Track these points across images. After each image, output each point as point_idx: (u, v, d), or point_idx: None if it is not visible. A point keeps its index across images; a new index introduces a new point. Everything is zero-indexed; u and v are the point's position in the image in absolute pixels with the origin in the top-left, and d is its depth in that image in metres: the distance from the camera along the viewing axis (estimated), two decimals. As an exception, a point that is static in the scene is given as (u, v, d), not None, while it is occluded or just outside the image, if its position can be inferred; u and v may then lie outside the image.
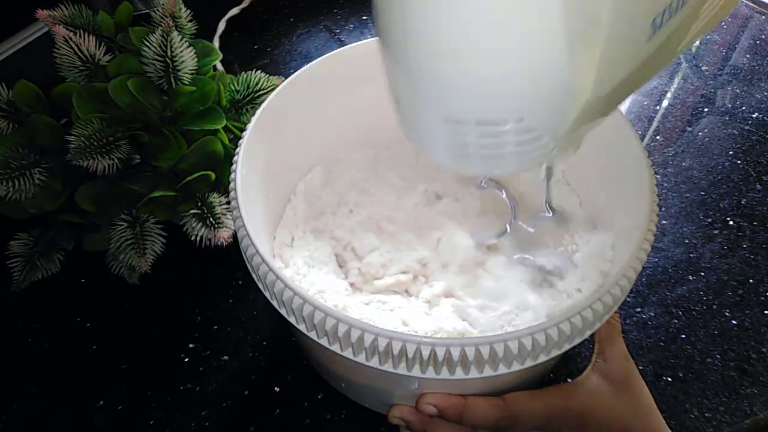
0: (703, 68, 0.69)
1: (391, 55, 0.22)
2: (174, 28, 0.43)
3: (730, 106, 0.64)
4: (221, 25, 0.70)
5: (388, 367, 0.28)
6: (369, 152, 0.47)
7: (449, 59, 0.20)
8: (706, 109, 0.64)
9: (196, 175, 0.44)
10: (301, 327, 0.29)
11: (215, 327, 0.46)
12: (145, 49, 0.43)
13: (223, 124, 0.45)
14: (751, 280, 0.48)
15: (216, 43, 0.68)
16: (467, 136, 0.22)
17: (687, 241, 0.51)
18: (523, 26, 0.19)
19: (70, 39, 0.43)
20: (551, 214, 0.38)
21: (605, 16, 0.20)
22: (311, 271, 0.40)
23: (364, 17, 0.75)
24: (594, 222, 0.41)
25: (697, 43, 0.73)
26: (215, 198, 0.44)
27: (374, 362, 0.28)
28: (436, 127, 0.23)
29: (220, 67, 0.61)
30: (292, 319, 0.30)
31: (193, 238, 0.43)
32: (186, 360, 0.44)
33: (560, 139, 0.23)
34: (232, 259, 0.49)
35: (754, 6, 0.78)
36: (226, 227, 0.43)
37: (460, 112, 0.22)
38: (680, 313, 0.46)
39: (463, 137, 0.22)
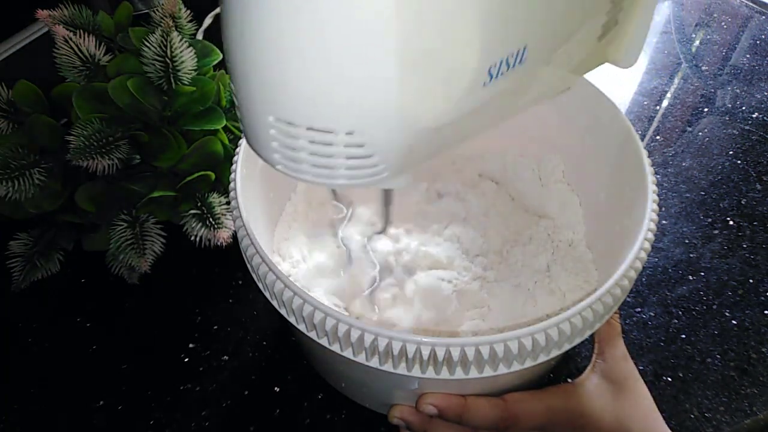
0: (703, 68, 0.69)
1: (229, 49, 0.22)
2: (174, 28, 0.43)
3: (730, 106, 0.64)
4: (207, 20, 0.69)
5: (388, 367, 0.28)
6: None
7: (283, 60, 0.20)
8: (706, 109, 0.64)
9: (196, 175, 0.44)
10: (301, 327, 0.29)
11: (215, 327, 0.46)
12: (145, 49, 0.43)
13: (223, 124, 0.45)
14: (751, 280, 0.48)
15: (200, 37, 0.67)
16: (298, 140, 0.22)
17: (687, 241, 0.51)
18: (355, 40, 0.19)
19: (70, 39, 0.43)
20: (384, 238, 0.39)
21: (437, 51, 0.21)
22: (309, 269, 0.40)
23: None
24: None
25: (698, 43, 0.73)
26: (215, 198, 0.44)
27: (374, 362, 0.28)
28: (268, 127, 0.22)
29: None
30: (292, 319, 0.30)
31: (193, 238, 0.43)
32: (186, 360, 0.44)
33: (393, 164, 0.23)
34: (232, 259, 0.49)
35: (754, 6, 0.78)
36: (226, 227, 0.43)
37: (291, 114, 0.22)
38: (680, 313, 0.46)
39: (295, 141, 0.22)
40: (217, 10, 0.71)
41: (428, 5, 0.20)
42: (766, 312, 0.46)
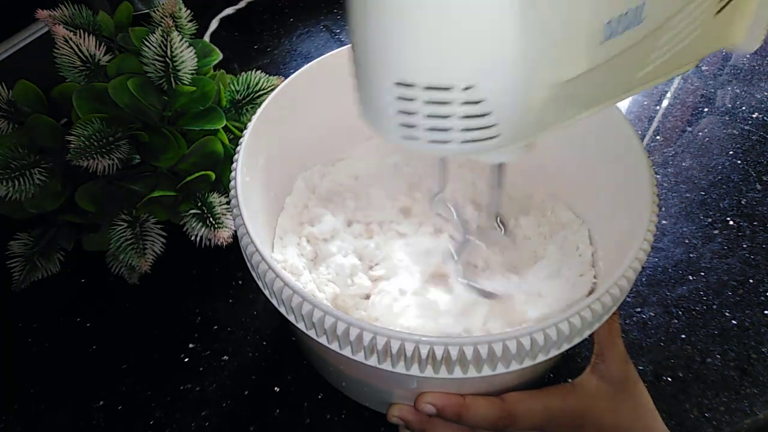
0: (703, 68, 0.69)
1: (351, 16, 0.22)
2: (174, 28, 0.43)
3: (730, 106, 0.64)
4: (213, 24, 0.70)
5: (386, 365, 0.28)
6: (369, 151, 0.47)
7: (400, 18, 0.21)
8: (706, 109, 0.64)
9: (196, 175, 0.44)
10: (300, 325, 0.29)
11: (215, 327, 0.46)
12: (145, 49, 0.43)
13: (223, 124, 0.45)
14: (751, 280, 0.48)
15: (207, 39, 0.68)
16: (415, 103, 0.22)
17: (687, 241, 0.51)
18: None
19: (70, 39, 0.43)
20: (503, 231, 0.36)
21: (556, 1, 0.21)
22: (308, 267, 0.40)
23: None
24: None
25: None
26: (215, 198, 0.44)
27: (373, 361, 0.28)
28: (387, 93, 0.23)
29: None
30: (291, 318, 0.30)
31: (193, 238, 0.43)
32: (186, 360, 0.44)
33: (509, 127, 0.23)
34: (232, 259, 0.49)
35: (755, 6, 0.78)
36: (226, 227, 0.43)
37: (409, 74, 0.22)
38: (680, 313, 0.46)
39: (412, 105, 0.22)
40: (224, 13, 0.71)
41: None
42: (766, 312, 0.46)
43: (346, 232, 0.43)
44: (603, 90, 0.26)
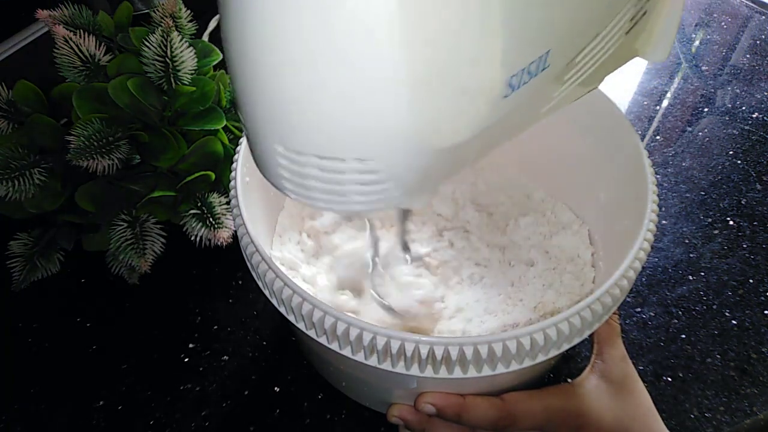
0: (703, 68, 0.69)
1: (234, 79, 0.21)
2: (174, 28, 0.43)
3: (730, 106, 0.64)
4: (213, 24, 0.69)
5: (386, 365, 0.28)
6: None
7: (286, 89, 0.19)
8: (706, 109, 0.64)
9: (196, 175, 0.44)
10: (300, 325, 0.29)
11: (215, 327, 0.46)
12: (145, 49, 0.43)
13: (223, 124, 0.45)
14: (751, 280, 0.48)
15: (205, 39, 0.67)
16: (308, 168, 0.21)
17: (687, 241, 0.51)
18: (359, 62, 0.18)
19: (70, 39, 0.43)
20: (408, 259, 0.37)
21: (450, 67, 0.19)
22: (307, 267, 0.40)
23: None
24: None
25: (698, 43, 0.73)
26: (215, 198, 0.44)
27: (373, 361, 0.28)
28: (278, 156, 0.22)
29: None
30: (291, 318, 0.30)
31: (193, 238, 0.43)
32: (186, 360, 0.44)
33: (408, 187, 0.22)
34: (232, 259, 0.49)
35: (754, 6, 0.78)
36: (226, 227, 0.43)
37: (298, 144, 0.21)
38: (680, 313, 0.46)
39: (304, 169, 0.21)
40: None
41: (436, 17, 0.18)
42: (766, 312, 0.46)
43: (347, 225, 0.43)
44: (504, 133, 0.25)
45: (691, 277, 0.49)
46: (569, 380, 0.35)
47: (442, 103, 0.20)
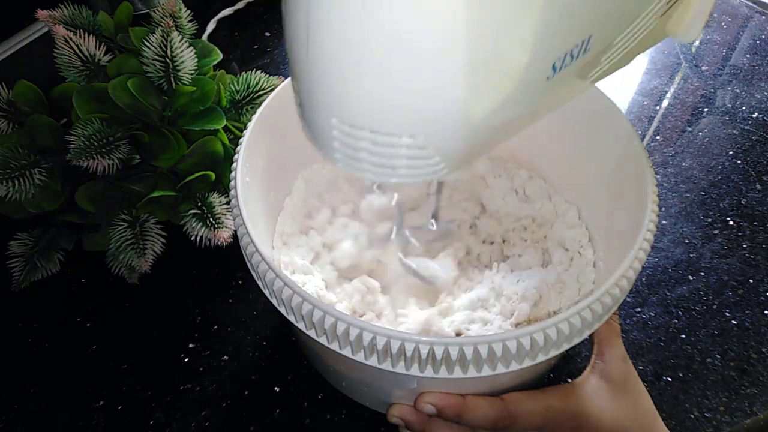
0: (703, 68, 0.69)
1: (293, 50, 0.22)
2: (174, 28, 0.43)
3: (730, 106, 0.64)
4: (210, 25, 0.70)
5: (386, 365, 0.28)
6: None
7: (347, 65, 0.20)
8: (706, 109, 0.64)
9: (196, 175, 0.44)
10: (300, 325, 0.29)
11: (215, 327, 0.46)
12: (145, 49, 0.43)
13: (223, 124, 0.45)
14: (751, 280, 0.48)
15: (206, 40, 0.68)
16: (360, 141, 0.22)
17: (687, 241, 0.51)
18: (420, 46, 0.19)
19: (70, 39, 0.43)
20: (434, 228, 0.39)
21: (502, 52, 0.20)
22: (307, 266, 0.40)
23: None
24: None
25: (697, 43, 0.73)
26: (215, 198, 0.44)
27: (373, 361, 0.28)
28: (331, 128, 0.23)
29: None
30: (291, 318, 0.30)
31: (193, 238, 0.43)
32: (186, 360, 0.44)
33: (452, 161, 0.23)
34: (232, 259, 0.49)
35: (754, 6, 0.78)
36: (226, 227, 0.43)
37: (354, 118, 0.22)
38: (680, 313, 0.46)
39: (357, 142, 0.22)
40: (220, 15, 0.71)
41: (493, 8, 0.19)
42: (766, 312, 0.46)
43: (348, 220, 0.43)
44: (543, 109, 0.26)
45: (691, 277, 0.49)
46: (569, 380, 0.35)
47: (493, 84, 0.21)
